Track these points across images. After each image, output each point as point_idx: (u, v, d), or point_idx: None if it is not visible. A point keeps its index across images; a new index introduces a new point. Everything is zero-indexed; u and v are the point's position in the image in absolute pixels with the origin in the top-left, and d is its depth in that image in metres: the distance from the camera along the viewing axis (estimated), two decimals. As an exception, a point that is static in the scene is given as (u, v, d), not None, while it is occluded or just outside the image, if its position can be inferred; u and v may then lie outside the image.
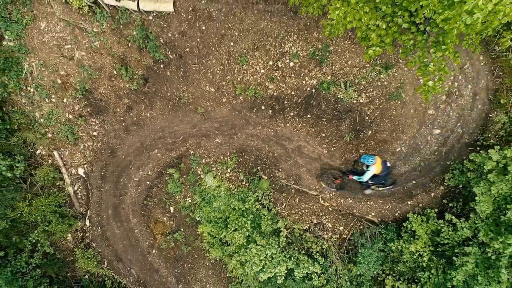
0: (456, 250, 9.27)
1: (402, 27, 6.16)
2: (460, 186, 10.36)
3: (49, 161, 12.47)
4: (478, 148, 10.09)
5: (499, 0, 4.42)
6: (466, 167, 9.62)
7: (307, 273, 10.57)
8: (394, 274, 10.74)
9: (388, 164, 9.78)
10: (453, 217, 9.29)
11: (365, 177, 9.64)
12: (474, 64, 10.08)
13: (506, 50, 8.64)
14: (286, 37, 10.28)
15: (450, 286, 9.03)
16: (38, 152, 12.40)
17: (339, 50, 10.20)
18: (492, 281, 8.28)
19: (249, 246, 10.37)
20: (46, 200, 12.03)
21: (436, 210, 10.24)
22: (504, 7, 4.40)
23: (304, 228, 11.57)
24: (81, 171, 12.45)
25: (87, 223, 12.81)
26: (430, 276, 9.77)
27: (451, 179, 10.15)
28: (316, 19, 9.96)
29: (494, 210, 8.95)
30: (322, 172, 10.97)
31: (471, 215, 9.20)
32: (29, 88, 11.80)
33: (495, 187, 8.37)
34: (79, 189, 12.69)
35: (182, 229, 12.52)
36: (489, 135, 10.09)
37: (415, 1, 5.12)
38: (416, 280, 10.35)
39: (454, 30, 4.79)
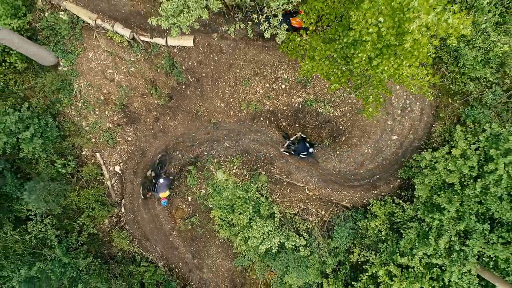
0: (404, 226, 12.52)
1: (352, 71, 9.39)
2: (412, 178, 13.58)
3: (92, 160, 15.68)
4: (425, 151, 13.29)
5: (397, 66, 7.62)
6: (412, 164, 12.87)
7: (295, 245, 13.80)
8: (362, 247, 13.97)
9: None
10: (401, 201, 12.56)
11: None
12: (421, 87, 13.30)
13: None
14: (279, 66, 13.51)
15: (397, 252, 12.28)
16: (83, 153, 15.63)
17: (319, 76, 13.43)
18: (426, 245, 11.49)
19: (251, 224, 13.61)
20: (91, 191, 15.26)
21: (394, 197, 13.48)
22: (399, 71, 7.62)
23: (293, 213, 14.81)
24: (117, 168, 15.68)
25: (122, 209, 16.05)
26: (387, 246, 13.00)
27: (403, 173, 13.40)
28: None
29: (431, 196, 12.18)
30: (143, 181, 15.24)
31: (414, 200, 12.45)
32: (78, 103, 15.01)
33: (428, 178, 11.63)
34: (116, 183, 15.92)
35: (197, 214, 15.74)
36: (432, 140, 13.32)
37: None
38: (377, 251, 13.59)
39: (374, 81, 8.04)
